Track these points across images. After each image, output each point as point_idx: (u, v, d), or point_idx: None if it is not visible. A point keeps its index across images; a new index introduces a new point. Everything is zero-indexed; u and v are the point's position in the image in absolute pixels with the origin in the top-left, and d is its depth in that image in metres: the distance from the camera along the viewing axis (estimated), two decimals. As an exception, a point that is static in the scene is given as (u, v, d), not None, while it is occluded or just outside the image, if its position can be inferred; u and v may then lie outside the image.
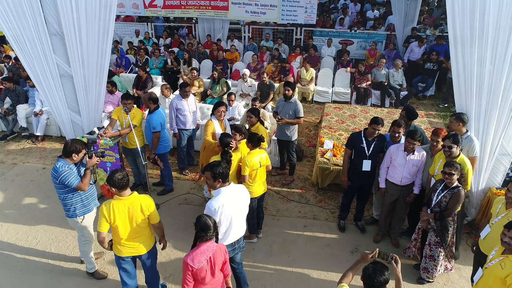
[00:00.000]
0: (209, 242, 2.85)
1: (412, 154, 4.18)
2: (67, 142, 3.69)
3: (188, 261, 2.76)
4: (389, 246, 4.68)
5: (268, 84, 7.81)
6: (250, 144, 4.22)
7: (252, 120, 4.91)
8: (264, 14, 10.78)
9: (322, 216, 5.23)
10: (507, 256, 2.77)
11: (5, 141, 7.31)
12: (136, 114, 5.13)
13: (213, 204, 3.20)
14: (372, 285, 2.34)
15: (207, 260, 2.80)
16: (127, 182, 3.23)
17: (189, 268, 2.76)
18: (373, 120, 4.39)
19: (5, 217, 5.15)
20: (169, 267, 4.36)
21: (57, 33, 4.66)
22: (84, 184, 3.66)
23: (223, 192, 3.26)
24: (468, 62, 4.18)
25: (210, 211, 3.18)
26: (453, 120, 4.34)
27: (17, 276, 4.23)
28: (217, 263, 2.87)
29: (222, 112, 5.07)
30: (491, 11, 3.85)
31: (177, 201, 5.52)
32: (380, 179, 4.51)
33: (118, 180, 3.14)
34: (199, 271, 2.77)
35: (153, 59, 9.82)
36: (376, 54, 10.25)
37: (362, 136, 4.49)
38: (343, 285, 2.56)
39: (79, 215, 3.84)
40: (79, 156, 3.69)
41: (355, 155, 4.53)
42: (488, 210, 4.64)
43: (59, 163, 3.61)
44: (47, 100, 5.08)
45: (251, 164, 4.13)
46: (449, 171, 3.59)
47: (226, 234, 3.37)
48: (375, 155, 4.48)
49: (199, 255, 2.78)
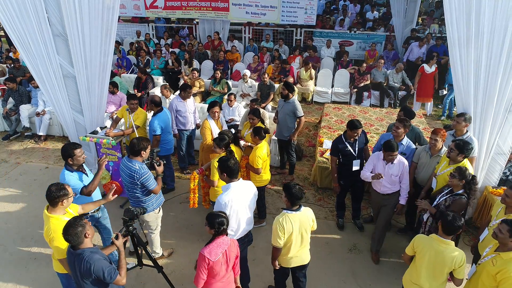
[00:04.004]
0: (224, 236, 2.92)
1: (391, 163, 4.10)
2: (133, 142, 3.74)
3: (205, 253, 2.81)
4: (371, 263, 4.50)
5: (268, 84, 7.88)
6: (257, 137, 4.42)
7: (255, 122, 4.99)
8: (264, 15, 10.87)
9: (321, 214, 5.31)
10: (499, 254, 2.84)
11: (8, 140, 7.39)
12: (139, 115, 5.19)
13: (224, 198, 3.27)
14: (453, 229, 2.90)
15: (223, 253, 2.86)
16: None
17: (206, 261, 2.80)
18: (352, 125, 4.43)
19: (9, 216, 5.22)
20: (171, 264, 4.43)
21: (61, 34, 4.73)
22: (159, 187, 3.90)
23: (232, 187, 3.35)
24: (465, 63, 4.25)
25: (221, 205, 3.25)
26: (461, 121, 4.31)
27: (22, 273, 4.30)
28: (231, 257, 2.94)
29: (215, 112, 5.14)
30: (486, 13, 3.93)
31: (178, 200, 5.60)
32: (364, 175, 4.32)
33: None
34: (215, 264, 2.81)
35: (154, 59, 9.89)
36: (375, 55, 10.32)
37: (344, 140, 4.55)
38: None
39: (156, 207, 4.01)
40: (147, 153, 3.81)
41: (344, 158, 4.60)
42: (484, 209, 4.72)
43: (136, 164, 3.68)
44: (51, 100, 5.15)
45: (262, 156, 4.38)
46: (453, 173, 3.60)
47: (237, 229, 3.43)
48: (360, 151, 4.61)
49: (216, 248, 2.84)
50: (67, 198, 3.11)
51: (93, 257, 2.69)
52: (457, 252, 2.92)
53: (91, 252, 2.72)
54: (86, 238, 2.73)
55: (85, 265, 2.66)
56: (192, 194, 4.41)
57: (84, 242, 2.72)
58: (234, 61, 10.25)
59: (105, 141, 5.05)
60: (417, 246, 3.07)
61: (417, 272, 3.08)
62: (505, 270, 2.73)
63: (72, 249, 2.74)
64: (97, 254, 2.76)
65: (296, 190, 3.16)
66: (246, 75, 8.24)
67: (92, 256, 2.70)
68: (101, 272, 2.69)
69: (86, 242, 2.73)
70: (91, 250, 2.74)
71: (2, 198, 5.61)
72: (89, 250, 2.73)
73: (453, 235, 2.97)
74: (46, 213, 3.09)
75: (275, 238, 3.20)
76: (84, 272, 2.68)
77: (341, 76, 9.46)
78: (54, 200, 3.05)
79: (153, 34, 12.64)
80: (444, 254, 2.92)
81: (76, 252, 2.71)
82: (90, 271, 2.67)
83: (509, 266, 2.72)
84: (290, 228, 3.17)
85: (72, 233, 2.66)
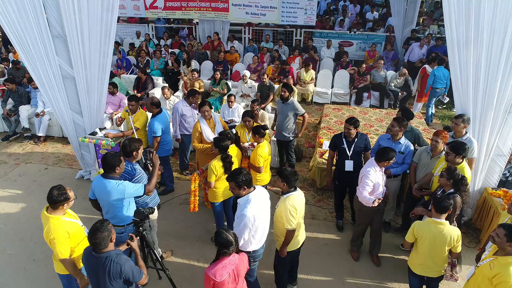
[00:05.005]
0: (231, 256, 2.81)
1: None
2: (125, 143, 3.73)
3: (210, 274, 2.73)
4: (370, 264, 4.50)
5: (268, 85, 7.87)
6: (257, 136, 4.44)
7: (250, 124, 4.95)
8: (264, 16, 10.85)
9: (320, 216, 5.30)
10: (496, 258, 2.85)
11: (7, 141, 7.39)
12: (140, 116, 5.17)
13: (248, 212, 3.13)
14: (443, 207, 3.18)
15: (230, 273, 2.77)
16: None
17: (211, 282, 2.74)
18: (347, 120, 4.50)
19: (8, 217, 5.22)
20: (170, 265, 4.42)
21: (60, 36, 4.74)
22: (153, 187, 3.78)
23: (253, 198, 3.21)
24: (464, 64, 4.25)
25: (248, 220, 3.12)
26: (459, 122, 4.32)
27: (20, 275, 4.30)
28: (240, 275, 2.86)
29: (205, 111, 4.99)
30: (485, 15, 3.92)
31: (178, 201, 5.59)
32: (365, 199, 4.01)
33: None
34: (221, 284, 2.74)
35: (154, 60, 9.89)
36: (375, 56, 10.31)
37: (343, 137, 4.60)
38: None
39: (152, 206, 3.99)
40: (139, 153, 3.80)
41: (339, 156, 4.67)
42: (484, 210, 4.72)
43: (129, 165, 3.69)
44: (50, 101, 5.15)
45: (264, 155, 4.39)
46: (442, 172, 3.71)
47: (261, 239, 3.39)
48: (357, 154, 4.58)
49: (221, 269, 2.74)
50: (68, 202, 3.12)
51: (121, 259, 2.74)
52: (452, 230, 3.25)
53: (117, 254, 2.76)
54: (111, 242, 2.77)
55: (115, 266, 2.70)
56: (192, 197, 4.37)
57: (108, 246, 2.75)
58: (234, 61, 10.25)
59: (104, 142, 5.05)
60: (417, 232, 3.33)
61: (421, 254, 3.38)
62: (502, 274, 2.74)
63: (94, 253, 2.75)
64: (124, 255, 2.81)
65: (290, 172, 3.33)
66: (246, 76, 8.24)
67: (120, 258, 2.75)
68: (130, 273, 2.76)
69: (110, 246, 2.77)
70: (116, 252, 2.78)
71: (1, 199, 5.61)
72: (114, 252, 2.77)
73: (445, 214, 3.25)
74: (46, 214, 3.09)
75: (289, 221, 3.31)
76: (114, 274, 2.71)
77: (340, 77, 9.45)
78: (55, 204, 3.06)
79: (153, 35, 12.64)
80: (442, 234, 3.23)
81: (101, 255, 2.73)
82: (120, 272, 2.71)
83: (506, 270, 2.73)
84: (298, 206, 3.35)
85: (99, 238, 2.68)
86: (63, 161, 6.68)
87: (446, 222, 3.25)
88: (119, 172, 3.45)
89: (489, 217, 4.57)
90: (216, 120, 5.19)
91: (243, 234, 3.17)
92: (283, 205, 3.32)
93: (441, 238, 3.23)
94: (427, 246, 3.29)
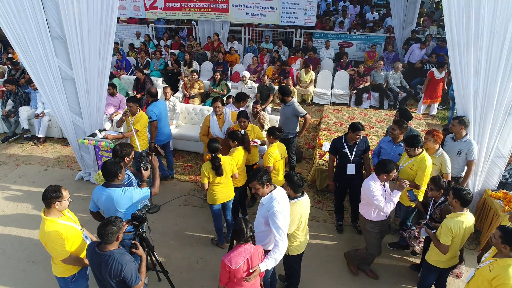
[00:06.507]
0: (247, 244, 2.88)
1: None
2: (116, 148, 3.72)
3: (226, 261, 2.81)
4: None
5: (268, 86, 7.87)
6: (271, 137, 4.53)
7: (245, 124, 4.94)
8: (264, 16, 10.85)
9: (320, 217, 5.30)
10: (496, 260, 2.86)
11: (7, 142, 7.38)
12: (140, 118, 5.15)
13: (277, 207, 3.12)
14: (468, 200, 3.32)
15: (244, 261, 2.83)
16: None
17: (226, 268, 2.81)
18: (355, 127, 4.38)
19: (7, 218, 5.22)
20: (169, 266, 4.41)
21: (59, 37, 4.73)
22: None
23: (277, 196, 3.20)
24: (465, 66, 4.25)
25: (283, 215, 3.13)
26: (456, 123, 4.39)
27: (20, 276, 4.30)
28: (254, 266, 2.90)
29: (216, 107, 5.20)
30: (485, 17, 3.92)
31: (178, 202, 5.59)
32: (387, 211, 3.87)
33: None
34: (236, 272, 2.81)
35: (154, 61, 9.89)
36: (375, 56, 10.30)
37: (343, 141, 4.56)
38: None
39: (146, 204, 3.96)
40: (131, 158, 3.79)
41: (340, 159, 4.64)
42: (484, 212, 4.71)
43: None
44: (49, 103, 5.15)
45: (274, 155, 4.45)
46: (429, 186, 3.81)
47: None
48: (358, 157, 4.58)
49: (237, 256, 2.82)
50: (61, 201, 3.05)
51: (124, 259, 2.74)
52: (470, 214, 3.45)
53: (120, 254, 2.75)
54: (116, 241, 2.77)
55: (116, 266, 2.69)
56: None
57: (113, 243, 2.75)
58: (234, 62, 10.25)
59: (103, 144, 5.04)
60: (455, 232, 3.36)
61: (454, 248, 3.47)
62: (501, 276, 2.75)
63: (98, 250, 2.76)
64: (127, 256, 2.80)
65: (298, 178, 3.31)
66: (246, 77, 8.23)
67: (123, 257, 2.74)
68: (129, 275, 2.74)
69: (114, 244, 2.77)
70: (119, 251, 2.78)
71: (1, 200, 5.60)
72: (117, 251, 2.77)
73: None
74: (42, 216, 3.08)
75: (294, 226, 3.39)
76: (114, 273, 2.71)
77: (340, 78, 9.45)
78: (47, 201, 3.02)
79: (152, 35, 12.64)
80: (470, 223, 3.40)
81: (105, 253, 2.73)
82: (120, 272, 2.70)
83: (505, 272, 2.74)
84: (302, 212, 3.40)
85: (109, 230, 2.69)
86: (63, 162, 6.67)
87: (467, 209, 3.42)
88: (121, 178, 3.39)
89: (488, 218, 4.57)
90: (226, 117, 5.28)
91: (284, 229, 3.16)
92: (291, 211, 3.34)
93: (469, 227, 3.40)
94: (460, 238, 3.41)
